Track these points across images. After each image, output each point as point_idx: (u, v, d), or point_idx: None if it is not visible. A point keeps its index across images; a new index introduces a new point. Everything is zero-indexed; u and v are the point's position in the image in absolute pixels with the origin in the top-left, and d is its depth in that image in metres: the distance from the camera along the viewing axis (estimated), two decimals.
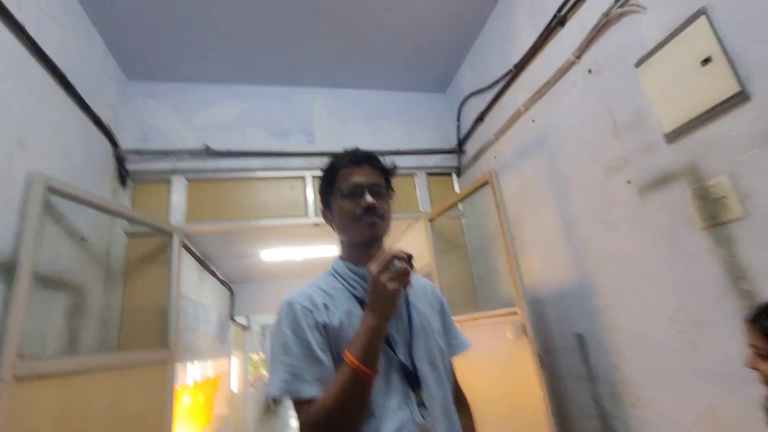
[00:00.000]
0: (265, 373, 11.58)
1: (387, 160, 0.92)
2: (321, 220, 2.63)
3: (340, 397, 0.66)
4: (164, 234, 2.28)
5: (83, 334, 1.88)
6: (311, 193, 2.66)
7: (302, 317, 0.72)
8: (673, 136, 1.33)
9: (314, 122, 2.87)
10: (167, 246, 2.27)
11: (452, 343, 0.89)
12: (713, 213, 1.22)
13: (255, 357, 11.32)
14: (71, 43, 1.94)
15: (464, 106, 2.84)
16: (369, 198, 0.80)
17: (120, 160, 2.33)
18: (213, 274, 5.47)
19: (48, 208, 1.63)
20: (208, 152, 2.55)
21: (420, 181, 2.91)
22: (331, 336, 0.73)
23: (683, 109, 1.29)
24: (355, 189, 0.81)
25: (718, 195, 1.20)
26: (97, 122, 2.12)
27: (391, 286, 0.67)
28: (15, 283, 1.37)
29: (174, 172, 2.48)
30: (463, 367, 2.21)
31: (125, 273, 2.24)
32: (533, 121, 2.09)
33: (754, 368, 0.78)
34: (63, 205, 1.75)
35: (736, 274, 1.17)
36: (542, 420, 1.65)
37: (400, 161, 2.85)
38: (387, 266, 0.69)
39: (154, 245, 2.33)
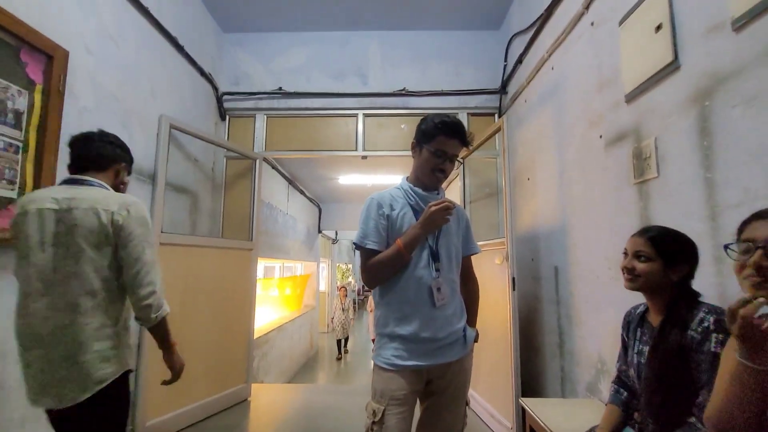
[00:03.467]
0: (352, 280, 13.58)
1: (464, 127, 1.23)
2: (367, 153, 3.13)
3: (388, 259, 1.16)
4: (249, 159, 3.04)
5: (199, 225, 2.80)
6: (362, 129, 3.14)
7: (376, 208, 1.21)
8: (630, 97, 1.45)
9: (368, 64, 3.22)
10: (252, 167, 3.05)
11: (466, 245, 1.33)
12: (641, 171, 1.39)
13: (342, 267, 13.15)
14: (180, 12, 2.58)
15: (511, 46, 2.88)
16: (446, 165, 1.21)
17: (219, 100, 3.08)
18: (302, 192, 6.51)
19: (172, 139, 2.42)
20: (282, 93, 3.14)
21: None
22: (389, 223, 1.21)
23: (639, 72, 1.39)
24: (441, 153, 1.19)
25: (645, 156, 1.36)
26: (201, 72, 2.83)
27: (439, 221, 1.16)
28: (155, 186, 2.21)
29: (257, 109, 3.16)
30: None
31: (225, 186, 3.10)
32: (552, 68, 2.17)
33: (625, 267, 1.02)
34: (182, 137, 2.54)
35: (645, 224, 1.37)
36: (508, 329, 2.08)
37: (444, 101, 3.14)
38: (441, 208, 1.15)
39: (245, 166, 3.13)
